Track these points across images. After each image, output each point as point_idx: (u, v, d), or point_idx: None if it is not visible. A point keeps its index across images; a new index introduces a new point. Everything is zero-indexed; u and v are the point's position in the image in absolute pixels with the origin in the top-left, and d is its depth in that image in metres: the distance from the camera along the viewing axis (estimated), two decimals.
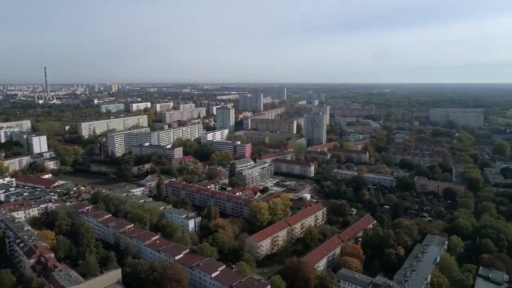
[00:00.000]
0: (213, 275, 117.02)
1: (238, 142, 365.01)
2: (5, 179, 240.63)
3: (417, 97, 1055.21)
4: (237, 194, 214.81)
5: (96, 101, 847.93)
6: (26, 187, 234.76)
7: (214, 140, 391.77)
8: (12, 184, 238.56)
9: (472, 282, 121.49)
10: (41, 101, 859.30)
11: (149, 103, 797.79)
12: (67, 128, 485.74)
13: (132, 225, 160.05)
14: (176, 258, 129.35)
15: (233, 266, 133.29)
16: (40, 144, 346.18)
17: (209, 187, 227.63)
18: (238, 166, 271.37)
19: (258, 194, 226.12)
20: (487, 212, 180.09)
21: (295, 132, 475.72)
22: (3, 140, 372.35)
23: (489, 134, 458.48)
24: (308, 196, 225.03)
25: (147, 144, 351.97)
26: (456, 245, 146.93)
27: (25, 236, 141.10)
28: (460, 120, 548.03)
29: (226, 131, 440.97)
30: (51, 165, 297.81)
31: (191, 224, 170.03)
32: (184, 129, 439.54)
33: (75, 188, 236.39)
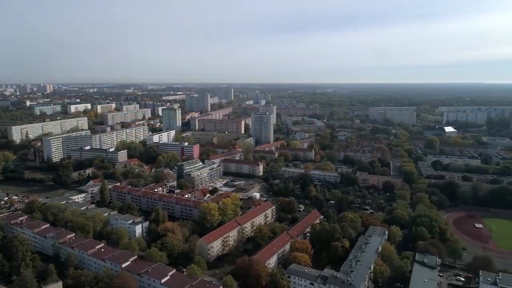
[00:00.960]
0: (163, 281, 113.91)
1: (186, 143, 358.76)
2: None
3: (358, 97, 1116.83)
4: (186, 196, 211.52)
5: (28, 103, 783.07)
6: None
7: (160, 142, 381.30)
8: None
9: (410, 268, 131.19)
10: None
11: (89, 104, 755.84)
12: None
13: (74, 234, 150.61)
14: (123, 265, 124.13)
15: (184, 269, 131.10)
16: None
17: (156, 190, 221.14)
18: (186, 167, 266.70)
19: (208, 195, 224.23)
20: (421, 202, 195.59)
21: (243, 132, 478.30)
22: None
23: (421, 130, 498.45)
24: (257, 195, 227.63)
25: (88, 147, 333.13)
26: (395, 235, 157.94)
27: None
28: (395, 118, 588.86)
29: (173, 132, 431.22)
30: None
31: (138, 229, 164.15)
32: (128, 131, 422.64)
33: (6, 198, 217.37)
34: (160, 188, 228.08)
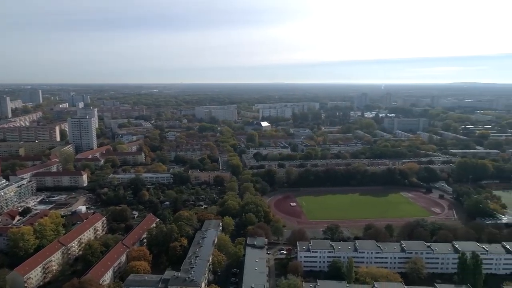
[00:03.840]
0: None
1: None
2: None
3: (183, 97, 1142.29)
4: None
5: None
6: None
7: None
8: None
9: (243, 252, 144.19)
10: None
11: None
12: None
13: None
14: None
15: None
16: None
17: None
18: None
19: (18, 218, 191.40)
20: (248, 191, 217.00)
21: (58, 139, 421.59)
22: None
23: (243, 126, 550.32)
24: (83, 208, 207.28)
25: None
26: (228, 224, 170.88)
27: None
28: (220, 116, 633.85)
29: None
30: None
31: None
32: None
33: None
34: None
